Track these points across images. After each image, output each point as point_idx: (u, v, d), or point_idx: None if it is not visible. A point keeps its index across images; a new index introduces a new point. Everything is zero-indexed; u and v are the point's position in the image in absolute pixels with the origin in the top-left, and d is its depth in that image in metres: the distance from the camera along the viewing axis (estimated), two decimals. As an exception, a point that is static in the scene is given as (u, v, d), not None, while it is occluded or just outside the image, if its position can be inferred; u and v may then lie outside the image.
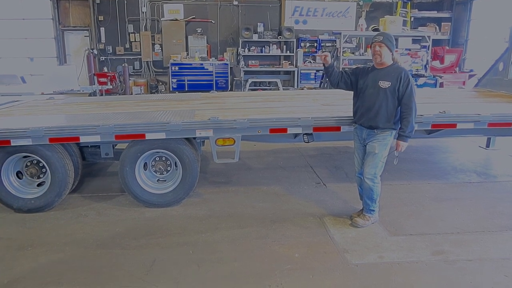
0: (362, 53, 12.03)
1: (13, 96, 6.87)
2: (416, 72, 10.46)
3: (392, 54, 3.90)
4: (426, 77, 10.25)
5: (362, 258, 3.59)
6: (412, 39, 11.94)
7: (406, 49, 11.11)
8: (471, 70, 12.15)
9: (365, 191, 4.11)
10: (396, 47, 11.74)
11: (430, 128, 4.74)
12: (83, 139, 4.34)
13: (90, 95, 9.45)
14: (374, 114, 3.92)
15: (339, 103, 5.57)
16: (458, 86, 9.49)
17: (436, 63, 11.94)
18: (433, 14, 14.13)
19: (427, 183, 5.47)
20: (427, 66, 10.63)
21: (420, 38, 11.03)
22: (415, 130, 4.05)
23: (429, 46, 10.65)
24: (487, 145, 7.25)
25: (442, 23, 14.09)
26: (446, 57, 11.95)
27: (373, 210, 4.16)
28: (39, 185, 4.63)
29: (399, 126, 3.94)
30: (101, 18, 13.73)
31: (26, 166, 4.57)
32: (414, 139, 4.05)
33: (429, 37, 10.60)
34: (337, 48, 10.79)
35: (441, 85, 10.37)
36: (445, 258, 3.59)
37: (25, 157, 4.51)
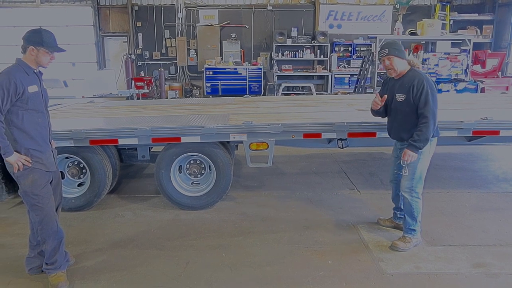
0: (399, 57, 11.74)
1: (56, 100, 7.17)
2: (456, 77, 10.11)
3: (406, 60, 3.62)
4: (467, 82, 9.89)
5: (397, 267, 3.49)
6: (452, 42, 11.56)
7: (445, 53, 10.76)
8: (515, 75, 11.64)
9: (405, 206, 3.82)
10: (434, 51, 11.39)
11: (471, 135, 4.56)
12: (121, 142, 4.47)
13: (127, 98, 9.74)
14: (399, 126, 3.71)
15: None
16: (501, 91, 9.11)
17: (477, 68, 11.50)
18: (474, 16, 13.65)
19: (467, 192, 5.26)
20: (467, 70, 10.25)
21: (460, 41, 10.66)
22: (455, 137, 3.89)
23: (469, 49, 10.27)
24: (532, 154, 6.90)
25: (484, 26, 13.60)
26: (488, 61, 11.49)
27: (414, 230, 3.78)
28: (79, 185, 4.82)
29: (437, 132, 3.69)
30: (139, 24, 14.18)
31: (68, 166, 4.75)
32: (453, 146, 3.91)
33: (469, 40, 10.23)
34: (373, 53, 10.61)
35: (482, 90, 9.99)
36: (487, 271, 3.43)
37: (67, 158, 4.71)
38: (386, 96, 3.76)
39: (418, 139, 3.50)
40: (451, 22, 13.55)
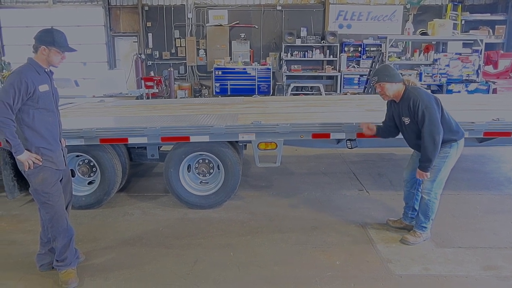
0: (409, 57, 11.67)
1: (67, 99, 7.25)
2: (467, 78, 10.00)
3: (398, 83, 3.64)
4: (478, 82, 9.79)
5: (406, 269, 3.47)
6: (463, 43, 11.45)
7: (456, 54, 10.65)
8: (528, 76, 11.45)
9: (421, 206, 3.87)
10: (446, 52, 11.29)
11: (482, 136, 4.51)
12: (131, 140, 4.50)
13: (137, 98, 9.80)
14: (415, 142, 3.74)
15: (384, 109, 5.42)
16: (513, 92, 8.98)
17: (489, 68, 11.36)
18: (486, 16, 13.50)
19: (478, 194, 5.20)
20: (479, 71, 10.14)
21: (472, 42, 10.55)
22: (466, 138, 3.85)
23: (481, 50, 10.16)
24: (545, 155, 6.79)
25: (496, 26, 13.44)
26: (500, 61, 11.34)
27: (426, 227, 3.88)
28: (89, 183, 4.86)
29: (462, 134, 3.72)
30: (149, 24, 14.28)
31: (78, 165, 4.80)
32: (464, 147, 3.86)
33: (481, 40, 10.11)
34: (382, 53, 10.55)
35: (494, 91, 9.87)
36: (497, 273, 3.39)
37: (77, 156, 4.75)
38: (368, 125, 4.10)
39: (422, 160, 3.62)
40: (463, 22, 13.41)
